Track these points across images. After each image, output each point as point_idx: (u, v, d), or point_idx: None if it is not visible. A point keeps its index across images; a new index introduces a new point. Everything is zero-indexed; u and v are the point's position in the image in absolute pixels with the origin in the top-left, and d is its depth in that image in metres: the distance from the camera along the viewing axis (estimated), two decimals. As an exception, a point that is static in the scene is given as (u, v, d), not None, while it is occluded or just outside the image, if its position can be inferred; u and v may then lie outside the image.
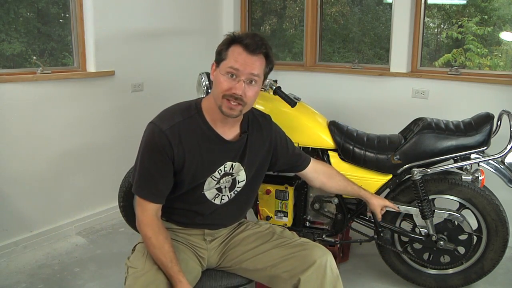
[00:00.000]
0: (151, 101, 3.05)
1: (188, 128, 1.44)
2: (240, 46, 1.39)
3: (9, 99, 2.42)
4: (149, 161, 1.43)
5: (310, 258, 1.43)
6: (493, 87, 2.67)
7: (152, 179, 1.43)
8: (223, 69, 1.39)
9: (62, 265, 2.45)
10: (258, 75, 1.41)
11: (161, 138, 1.40)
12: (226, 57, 1.40)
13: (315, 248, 1.48)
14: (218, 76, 1.41)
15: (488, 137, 1.96)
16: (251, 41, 1.38)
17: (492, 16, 3.29)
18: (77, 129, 2.76)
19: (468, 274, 2.13)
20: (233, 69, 1.38)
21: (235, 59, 1.38)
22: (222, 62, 1.41)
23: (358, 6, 3.98)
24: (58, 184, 2.72)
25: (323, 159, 2.14)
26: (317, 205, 2.20)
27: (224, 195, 1.55)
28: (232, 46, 1.40)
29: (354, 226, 2.25)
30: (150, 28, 3.05)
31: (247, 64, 1.38)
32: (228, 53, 1.40)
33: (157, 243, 1.39)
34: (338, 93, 3.22)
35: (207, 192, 1.51)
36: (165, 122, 1.43)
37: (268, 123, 1.64)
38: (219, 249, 1.60)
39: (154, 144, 1.41)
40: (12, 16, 2.68)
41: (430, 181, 2.06)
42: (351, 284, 2.29)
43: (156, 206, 1.45)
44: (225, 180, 1.53)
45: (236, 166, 1.53)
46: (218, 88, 1.40)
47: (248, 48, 1.38)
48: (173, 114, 1.46)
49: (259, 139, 1.58)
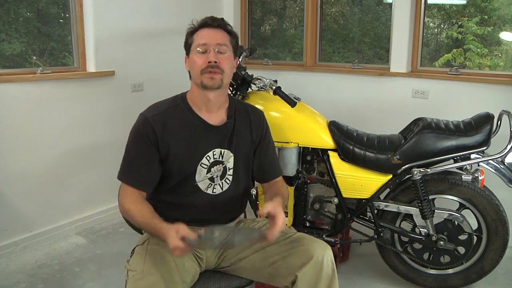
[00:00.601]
0: (151, 101, 3.00)
1: (173, 115, 1.50)
2: (202, 27, 1.50)
3: (9, 99, 2.42)
4: (134, 149, 1.49)
5: (308, 254, 1.42)
6: (493, 87, 2.67)
7: (137, 166, 1.48)
8: (193, 50, 1.48)
9: (62, 265, 2.45)
10: (225, 44, 1.49)
11: (145, 126, 1.47)
12: (192, 41, 1.50)
13: (312, 243, 1.46)
14: (191, 58, 1.49)
15: (488, 137, 1.96)
16: (208, 20, 1.50)
17: (492, 16, 3.29)
18: (77, 129, 2.76)
19: (468, 274, 2.13)
20: (201, 45, 1.46)
21: (200, 37, 1.48)
22: (190, 47, 1.50)
23: (358, 6, 3.98)
24: (58, 184, 2.72)
25: (323, 159, 2.14)
26: (317, 205, 2.20)
27: (216, 184, 1.56)
28: (196, 33, 1.51)
29: (354, 226, 2.25)
30: (150, 28, 3.05)
31: (211, 36, 1.47)
32: (193, 37, 1.50)
33: (136, 209, 1.42)
34: (338, 93, 3.22)
35: (200, 183, 1.53)
36: (150, 111, 1.51)
37: (258, 117, 1.66)
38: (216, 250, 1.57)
39: (138, 132, 1.48)
40: (12, 16, 2.68)
41: (430, 181, 2.06)
42: (351, 284, 2.29)
43: (140, 192, 1.48)
44: (216, 169, 1.54)
45: (225, 153, 1.55)
46: (195, 68, 1.47)
47: (208, 24, 1.50)
48: (160, 105, 1.54)
49: (247, 127, 1.60)
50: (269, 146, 1.68)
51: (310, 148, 2.17)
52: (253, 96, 2.19)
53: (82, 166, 2.82)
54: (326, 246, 1.46)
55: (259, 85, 2.13)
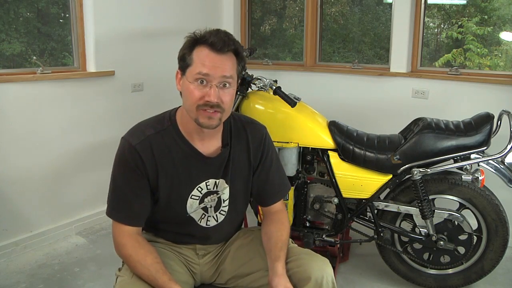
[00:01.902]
0: (151, 101, 3.05)
1: (161, 141, 1.32)
2: (205, 46, 1.24)
3: (9, 99, 2.42)
4: (122, 180, 1.32)
5: (305, 275, 1.30)
6: (493, 87, 2.67)
7: (127, 200, 1.32)
8: (191, 76, 1.24)
9: (62, 265, 2.45)
10: (231, 76, 1.26)
11: (132, 154, 1.29)
12: (191, 62, 1.25)
13: (310, 263, 1.34)
14: (187, 85, 1.25)
15: (488, 137, 1.96)
16: (216, 39, 1.22)
17: (492, 16, 3.29)
18: (77, 129, 2.76)
19: (468, 274, 2.13)
20: (201, 75, 1.22)
21: (202, 63, 1.23)
22: (188, 69, 1.26)
23: (358, 6, 3.98)
24: (58, 184, 2.72)
25: (323, 159, 2.14)
26: (317, 205, 2.20)
27: (210, 216, 1.42)
28: (196, 48, 1.25)
29: (354, 226, 2.25)
30: (150, 28, 3.05)
31: (216, 66, 1.22)
32: (193, 57, 1.25)
33: (138, 259, 1.27)
34: (338, 93, 3.22)
35: (193, 214, 1.40)
36: (135, 136, 1.31)
37: (259, 138, 1.45)
38: (212, 263, 1.49)
39: (125, 161, 1.31)
40: (12, 16, 2.68)
41: (430, 181, 2.06)
42: (351, 284, 2.29)
43: (137, 229, 1.34)
44: (210, 199, 1.40)
45: (220, 183, 1.39)
46: (190, 100, 1.25)
47: (215, 47, 1.22)
48: (145, 127, 1.34)
49: (244, 152, 1.42)
50: (270, 168, 1.48)
51: (310, 148, 2.17)
52: (253, 96, 2.19)
53: (82, 166, 2.82)
54: (325, 264, 1.35)
55: (259, 85, 2.13)
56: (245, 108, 2.18)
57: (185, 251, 1.47)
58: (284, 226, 1.45)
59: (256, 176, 1.46)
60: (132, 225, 1.33)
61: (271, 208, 1.50)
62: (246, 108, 2.17)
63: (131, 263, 1.29)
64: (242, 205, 1.50)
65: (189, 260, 1.47)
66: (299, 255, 1.38)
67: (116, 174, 1.34)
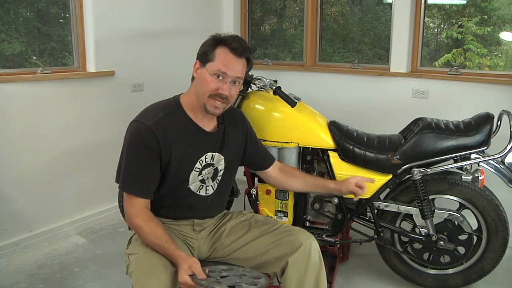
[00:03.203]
0: (151, 101, 2.99)
1: (171, 122, 1.51)
2: (227, 49, 1.48)
3: (9, 99, 2.42)
4: (136, 157, 1.48)
5: (297, 242, 1.52)
6: (493, 87, 2.67)
7: (139, 175, 1.48)
8: (211, 70, 1.47)
9: (62, 265, 2.45)
10: (241, 77, 1.52)
11: (147, 134, 1.46)
12: (213, 59, 1.47)
13: (300, 233, 1.57)
14: (205, 76, 1.48)
15: (488, 137, 1.96)
16: (238, 45, 1.48)
17: (492, 16, 3.29)
18: (77, 129, 2.76)
19: (468, 274, 2.13)
20: (221, 72, 1.46)
21: (223, 63, 1.46)
22: (209, 63, 1.48)
23: (358, 6, 3.98)
24: (58, 184, 2.72)
25: (323, 159, 2.14)
26: (317, 205, 2.20)
27: (208, 186, 1.62)
28: (218, 48, 1.48)
29: (354, 226, 2.25)
30: (150, 28, 3.05)
31: (234, 68, 1.48)
32: (215, 54, 1.48)
33: (149, 229, 1.44)
34: (338, 93, 3.22)
35: (191, 185, 1.57)
36: (149, 118, 1.49)
37: (241, 118, 1.74)
38: (208, 239, 1.66)
39: (140, 140, 1.47)
40: (12, 16, 2.68)
41: (430, 181, 2.06)
42: (351, 284, 2.29)
43: (145, 200, 1.50)
44: (207, 171, 1.59)
45: (216, 156, 1.61)
46: (205, 87, 1.48)
47: (236, 52, 1.48)
48: (155, 111, 1.53)
49: (234, 130, 1.67)
50: (256, 142, 1.79)
51: (310, 148, 2.17)
52: (253, 96, 2.19)
53: (82, 166, 2.82)
54: (311, 236, 1.57)
55: (259, 85, 2.13)
56: (245, 108, 2.17)
57: (183, 228, 1.63)
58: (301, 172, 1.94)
59: (248, 148, 1.74)
60: (144, 197, 1.49)
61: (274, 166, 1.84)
62: (246, 108, 2.17)
63: (143, 233, 1.45)
64: (233, 173, 1.74)
65: (187, 236, 1.63)
66: (289, 226, 1.64)
67: (130, 152, 1.49)
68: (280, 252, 1.53)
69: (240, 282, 1.34)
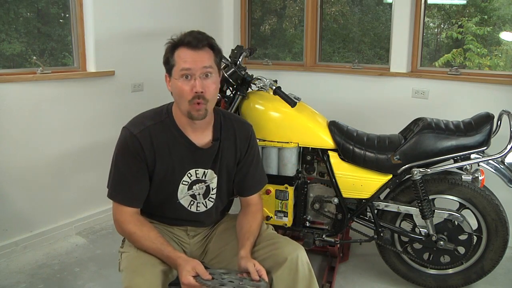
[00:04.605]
0: (151, 101, 3.02)
1: (159, 132, 1.47)
2: (183, 47, 1.41)
3: (9, 99, 2.42)
4: (123, 165, 1.47)
5: (282, 256, 1.44)
6: (493, 87, 2.67)
7: (127, 183, 1.46)
8: (176, 74, 1.41)
9: (62, 265, 2.45)
10: (211, 66, 1.42)
11: (133, 142, 1.44)
12: (174, 63, 1.42)
13: (286, 245, 1.48)
14: (175, 83, 1.42)
15: (488, 137, 1.96)
16: (191, 38, 1.41)
17: (492, 16, 3.29)
18: (77, 129, 2.76)
19: (468, 274, 2.13)
20: (185, 70, 1.39)
21: (183, 60, 1.40)
22: (173, 69, 1.43)
23: (358, 6, 3.98)
24: (58, 184, 2.72)
25: (323, 159, 2.14)
26: (317, 205, 2.20)
27: (200, 203, 1.57)
28: (176, 51, 1.43)
29: (354, 226, 2.25)
30: (150, 28, 3.05)
31: (196, 60, 1.40)
32: (174, 58, 1.42)
33: (143, 234, 1.42)
34: (338, 93, 3.22)
35: (182, 200, 1.54)
36: (136, 126, 1.47)
37: (245, 134, 1.60)
38: (201, 243, 1.64)
39: (126, 148, 1.45)
40: (12, 16, 2.68)
41: (430, 181, 2.06)
42: (351, 284, 2.29)
43: (137, 210, 1.48)
44: (198, 187, 1.54)
45: (208, 173, 1.55)
46: (182, 95, 1.41)
47: (191, 45, 1.40)
48: (144, 119, 1.50)
49: (231, 146, 1.57)
50: (252, 163, 1.63)
51: (310, 148, 2.17)
52: (253, 96, 2.19)
53: (82, 166, 2.82)
54: (299, 247, 1.48)
55: (259, 85, 2.13)
56: (245, 108, 2.18)
57: (177, 232, 1.62)
58: (255, 218, 1.60)
59: (239, 168, 1.61)
60: (132, 206, 1.47)
61: (249, 200, 1.65)
62: (246, 108, 2.17)
63: (136, 238, 1.42)
64: (227, 193, 1.65)
65: (181, 240, 1.61)
66: (275, 239, 1.53)
67: (118, 160, 1.48)
68: (265, 266, 1.43)
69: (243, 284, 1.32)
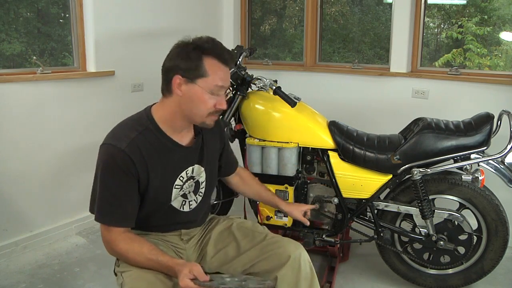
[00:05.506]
0: (151, 101, 3.00)
1: (145, 141, 1.38)
2: (217, 59, 1.35)
3: (9, 99, 2.42)
4: (113, 184, 1.35)
5: (285, 255, 1.46)
6: (493, 87, 2.67)
7: (118, 203, 1.36)
8: (206, 86, 1.34)
9: (62, 265, 2.45)
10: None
11: (122, 158, 1.33)
12: (205, 74, 1.33)
13: (288, 244, 1.50)
14: (199, 94, 1.35)
15: (488, 137, 1.96)
16: (227, 56, 1.37)
17: (492, 16, 3.29)
18: (77, 129, 2.76)
19: (468, 274, 2.13)
20: (219, 87, 1.36)
21: (220, 77, 1.35)
22: (201, 79, 1.34)
23: (358, 6, 3.98)
24: (58, 184, 2.72)
25: (323, 159, 2.14)
26: (317, 205, 2.20)
27: (191, 200, 1.53)
28: (206, 59, 1.34)
29: (354, 226, 2.25)
30: (150, 28, 3.05)
31: (228, 79, 1.40)
32: (205, 68, 1.33)
33: (135, 251, 1.34)
34: (338, 93, 3.22)
35: (174, 202, 1.48)
36: (120, 140, 1.35)
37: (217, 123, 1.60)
38: (196, 248, 1.60)
39: (115, 166, 1.33)
40: (12, 16, 2.68)
41: (430, 181, 2.06)
42: (351, 284, 2.30)
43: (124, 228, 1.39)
44: (188, 185, 1.50)
45: (196, 168, 1.51)
46: (202, 107, 1.36)
47: (226, 61, 1.37)
48: (126, 130, 1.40)
49: (212, 137, 1.59)
50: (229, 145, 1.74)
51: (310, 148, 2.17)
52: (253, 96, 2.19)
53: (82, 166, 2.82)
54: (300, 246, 1.51)
55: (259, 85, 2.13)
56: (245, 108, 2.18)
57: (171, 238, 1.55)
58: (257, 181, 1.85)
59: (224, 154, 1.68)
60: (125, 226, 1.39)
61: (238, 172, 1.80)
62: (246, 108, 2.17)
63: (130, 255, 1.35)
64: (214, 183, 1.67)
65: (176, 247, 1.56)
66: (276, 238, 1.55)
67: (105, 179, 1.36)
68: (268, 265, 1.47)
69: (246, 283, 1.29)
